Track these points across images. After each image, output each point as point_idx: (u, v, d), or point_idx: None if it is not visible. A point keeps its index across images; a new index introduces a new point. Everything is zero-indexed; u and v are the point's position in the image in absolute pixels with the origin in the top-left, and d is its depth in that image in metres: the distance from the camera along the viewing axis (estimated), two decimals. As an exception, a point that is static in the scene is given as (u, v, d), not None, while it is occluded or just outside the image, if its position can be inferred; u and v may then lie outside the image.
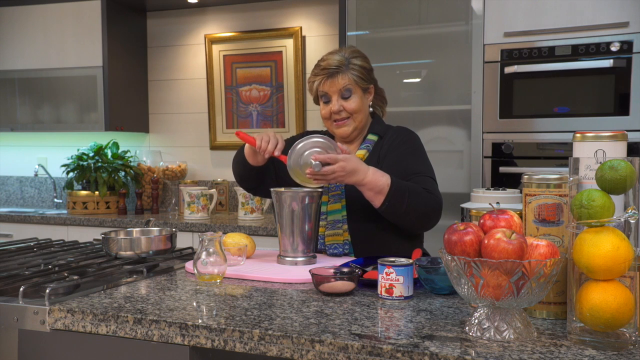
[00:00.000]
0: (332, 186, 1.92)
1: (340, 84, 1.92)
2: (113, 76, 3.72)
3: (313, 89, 1.99)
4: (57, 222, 3.52)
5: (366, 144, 1.98)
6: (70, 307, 1.31)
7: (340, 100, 1.93)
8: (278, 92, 3.72)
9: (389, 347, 1.05)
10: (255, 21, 3.75)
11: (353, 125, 1.96)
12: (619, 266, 1.02)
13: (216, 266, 1.55)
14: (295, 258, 1.75)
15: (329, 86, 1.94)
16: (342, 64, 1.92)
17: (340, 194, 1.91)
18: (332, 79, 1.92)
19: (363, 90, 1.96)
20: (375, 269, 1.56)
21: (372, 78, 2.01)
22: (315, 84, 1.96)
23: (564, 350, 1.04)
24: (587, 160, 1.14)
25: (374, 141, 1.98)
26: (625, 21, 2.52)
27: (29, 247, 2.05)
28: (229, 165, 3.88)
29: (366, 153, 1.95)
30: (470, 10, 2.81)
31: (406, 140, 1.97)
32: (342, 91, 1.93)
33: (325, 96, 1.96)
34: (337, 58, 1.93)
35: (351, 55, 1.96)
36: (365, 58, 2.00)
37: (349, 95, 1.93)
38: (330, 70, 1.92)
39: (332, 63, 1.92)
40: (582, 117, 2.61)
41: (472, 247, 1.10)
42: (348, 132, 1.97)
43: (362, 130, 2.02)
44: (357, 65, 1.94)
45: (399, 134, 2.00)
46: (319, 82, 1.95)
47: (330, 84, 1.93)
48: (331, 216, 1.91)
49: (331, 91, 1.94)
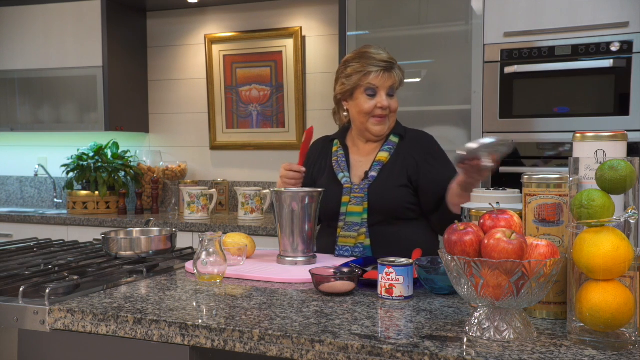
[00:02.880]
0: (356, 187, 1.91)
1: (394, 79, 1.93)
2: (113, 76, 3.72)
3: (356, 80, 1.93)
4: (57, 222, 3.52)
5: (388, 146, 1.98)
6: (70, 307, 1.31)
7: (387, 97, 1.93)
8: (278, 92, 3.71)
9: (389, 347, 1.05)
10: (255, 21, 3.75)
11: (388, 124, 1.97)
12: (619, 266, 1.02)
13: (216, 266, 1.55)
14: (295, 258, 1.75)
15: (382, 80, 1.92)
16: (393, 61, 1.94)
17: (363, 197, 1.90)
18: (389, 73, 1.92)
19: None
20: (375, 269, 1.56)
21: None
22: (372, 76, 1.91)
23: (564, 350, 1.04)
24: (587, 160, 1.14)
25: (396, 143, 1.99)
26: (625, 21, 2.52)
27: (29, 247, 2.05)
28: (229, 165, 3.92)
29: (389, 156, 1.95)
30: (470, 10, 2.81)
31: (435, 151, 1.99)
32: (389, 89, 1.93)
33: (372, 90, 1.93)
34: (386, 54, 1.94)
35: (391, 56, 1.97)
36: None
37: (393, 94, 1.94)
38: (389, 64, 1.92)
39: (385, 57, 1.92)
40: (582, 117, 2.61)
41: (472, 247, 1.10)
42: (384, 131, 1.97)
43: None
44: (399, 66, 1.97)
45: (424, 143, 2.00)
46: (375, 74, 1.91)
47: (386, 78, 1.92)
48: (350, 218, 1.90)
49: (383, 86, 1.92)
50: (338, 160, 2.03)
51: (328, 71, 3.60)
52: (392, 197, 1.90)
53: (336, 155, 2.05)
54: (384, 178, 1.92)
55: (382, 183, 1.91)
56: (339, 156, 2.04)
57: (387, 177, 1.92)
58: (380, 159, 1.96)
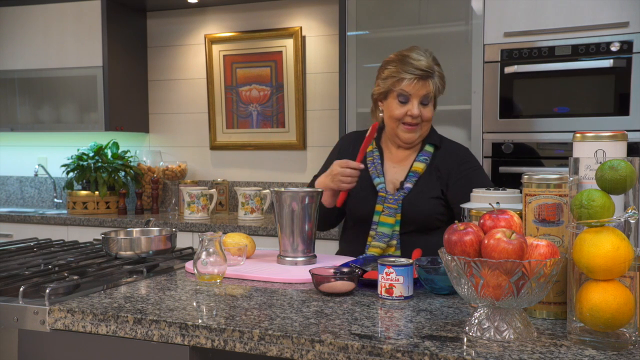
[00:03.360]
0: (390, 197, 1.88)
1: (429, 89, 1.86)
2: (113, 76, 3.72)
3: (390, 84, 1.88)
4: (57, 222, 3.52)
5: (424, 156, 1.94)
6: (70, 307, 1.31)
7: (420, 106, 1.87)
8: (278, 92, 3.71)
9: (389, 347, 1.05)
10: (255, 21, 3.75)
11: (420, 132, 1.92)
12: (619, 266, 1.02)
13: (216, 266, 1.55)
14: (295, 258, 1.75)
15: (416, 88, 1.85)
16: (432, 69, 1.85)
17: (396, 208, 1.87)
18: (424, 81, 1.85)
19: (436, 100, 1.93)
20: (375, 269, 1.56)
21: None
22: (405, 83, 1.85)
23: (564, 350, 1.04)
24: (587, 160, 1.14)
25: (431, 153, 1.95)
26: (625, 21, 2.52)
27: (29, 247, 2.05)
28: (229, 165, 3.92)
29: (425, 166, 1.92)
30: (470, 10, 2.81)
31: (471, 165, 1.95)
32: (423, 98, 1.87)
33: (405, 96, 1.87)
34: (427, 61, 1.85)
35: (434, 61, 1.89)
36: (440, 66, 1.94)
37: (427, 103, 1.88)
38: (425, 73, 1.85)
39: (424, 65, 1.84)
40: (582, 117, 2.61)
41: (472, 247, 1.10)
42: (414, 139, 1.93)
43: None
44: (440, 74, 1.89)
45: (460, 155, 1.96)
46: (409, 81, 1.85)
47: (420, 87, 1.85)
48: (381, 228, 1.88)
49: (416, 94, 1.86)
50: (374, 162, 1.98)
51: (328, 71, 3.60)
52: (425, 209, 1.88)
53: (371, 156, 2.00)
54: (418, 190, 1.90)
55: (416, 195, 1.89)
56: (374, 157, 1.99)
57: (422, 189, 1.90)
58: (416, 169, 1.92)
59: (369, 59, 3.05)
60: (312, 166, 3.67)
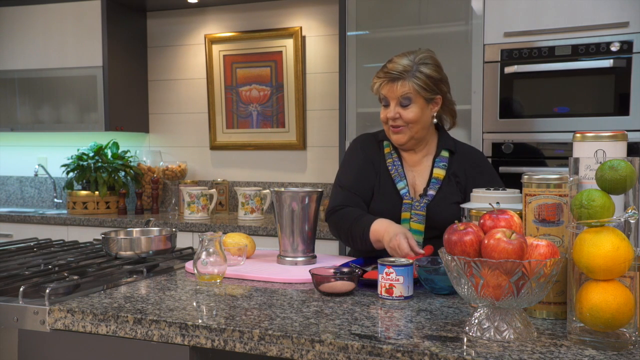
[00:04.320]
0: (417, 203, 1.86)
1: (399, 91, 1.84)
2: (113, 76, 3.72)
3: (374, 90, 1.92)
4: (57, 222, 3.52)
5: (443, 162, 1.92)
6: (70, 307, 1.31)
7: (398, 107, 1.86)
8: (278, 92, 3.71)
9: (389, 347, 1.05)
10: (255, 21, 3.75)
11: (409, 134, 1.89)
12: (619, 266, 1.02)
13: (216, 266, 1.55)
14: (295, 258, 1.75)
15: (387, 91, 1.86)
16: (407, 70, 1.83)
17: (424, 214, 1.85)
18: (392, 84, 1.85)
19: (426, 100, 1.87)
20: (375, 269, 1.56)
21: (441, 89, 1.90)
22: (376, 86, 1.89)
23: (564, 350, 1.04)
24: (587, 160, 1.14)
25: (447, 158, 1.94)
26: (625, 21, 2.52)
27: (29, 247, 2.05)
28: (229, 165, 3.92)
29: (444, 173, 1.91)
30: (470, 10, 2.81)
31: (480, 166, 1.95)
32: (401, 99, 1.85)
33: (385, 100, 1.89)
34: (405, 63, 1.84)
35: (421, 61, 1.86)
36: (437, 66, 1.89)
37: (407, 104, 1.85)
38: (392, 75, 1.84)
39: (396, 67, 1.84)
40: (582, 117, 2.61)
41: (472, 247, 1.10)
42: (403, 141, 1.91)
43: (422, 141, 1.95)
44: (424, 74, 1.84)
45: (476, 160, 1.96)
46: (379, 85, 1.88)
47: (389, 89, 1.86)
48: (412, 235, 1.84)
49: (390, 96, 1.87)
50: (394, 164, 1.95)
51: (328, 71, 3.60)
52: (449, 214, 1.83)
53: (391, 158, 1.97)
54: (441, 197, 1.89)
55: (440, 201, 1.88)
56: (394, 159, 1.96)
57: (444, 195, 1.89)
58: (437, 176, 1.91)
59: (369, 59, 3.05)
60: (312, 166, 3.67)
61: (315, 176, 3.67)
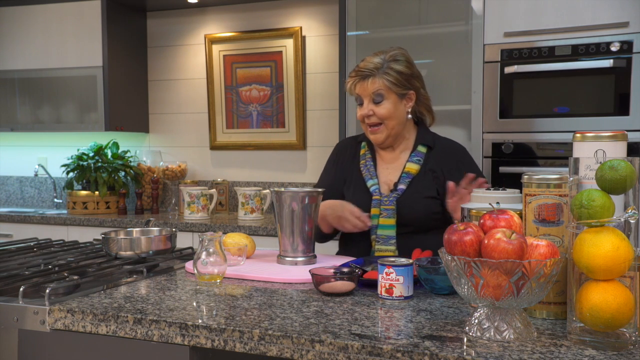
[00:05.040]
0: (385, 199, 1.89)
1: (371, 88, 1.89)
2: (113, 76, 3.72)
3: (348, 90, 1.96)
4: (57, 222, 3.52)
5: (417, 157, 1.95)
6: (70, 307, 1.31)
7: (371, 105, 1.90)
8: (278, 92, 3.71)
9: (389, 347, 1.05)
10: (255, 21, 3.75)
11: (386, 132, 1.93)
12: (619, 266, 1.02)
13: (216, 266, 1.55)
14: (295, 258, 1.75)
15: (360, 89, 1.91)
16: (378, 68, 1.88)
17: (393, 209, 1.88)
18: (363, 82, 1.89)
19: (399, 96, 1.91)
20: (375, 269, 1.56)
21: (413, 84, 1.93)
22: (349, 85, 1.94)
23: (564, 350, 1.04)
24: (587, 160, 1.14)
25: (424, 153, 1.96)
26: (625, 21, 2.52)
27: (29, 247, 2.05)
28: (229, 165, 3.92)
29: (419, 167, 1.93)
30: (470, 10, 2.81)
31: (465, 162, 1.95)
32: (373, 96, 1.89)
33: (359, 98, 1.93)
34: (375, 61, 1.89)
35: (392, 58, 1.90)
36: (408, 62, 1.93)
37: (380, 100, 1.89)
38: (363, 73, 1.89)
39: (367, 66, 1.89)
40: (582, 117, 2.61)
41: (472, 247, 1.10)
42: (381, 140, 1.94)
43: (400, 138, 1.98)
44: (395, 70, 1.88)
45: (454, 153, 1.97)
46: (352, 84, 1.92)
47: (362, 87, 1.90)
48: (382, 230, 1.88)
49: (363, 94, 1.91)
50: (366, 164, 2.00)
51: (328, 71, 3.60)
52: (421, 209, 1.88)
53: (364, 159, 2.02)
54: (413, 191, 1.90)
55: (411, 196, 1.89)
56: (367, 160, 2.01)
57: (415, 189, 1.90)
58: (409, 170, 1.93)
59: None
60: (312, 166, 3.67)
61: (315, 176, 3.66)
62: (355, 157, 2.05)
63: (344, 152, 2.10)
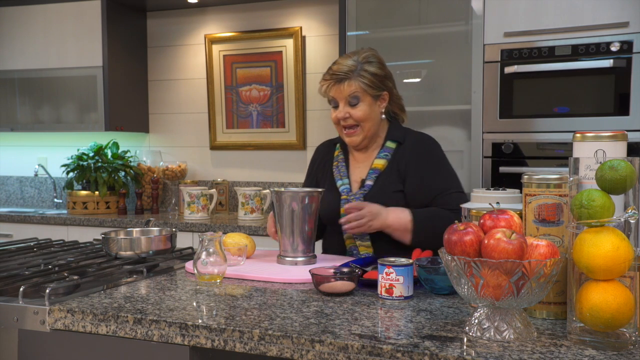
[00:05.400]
0: (352, 197, 1.90)
1: (347, 91, 1.89)
2: (113, 76, 3.72)
3: (322, 93, 1.97)
4: (57, 222, 3.52)
5: (385, 152, 1.94)
6: (70, 307, 1.31)
7: (347, 107, 1.90)
8: (278, 92, 3.71)
9: (389, 347, 1.05)
10: (255, 21, 3.75)
11: (362, 134, 1.93)
12: (619, 266, 1.02)
13: (216, 266, 1.55)
14: (295, 258, 1.75)
15: (335, 92, 1.91)
16: (352, 70, 1.88)
17: None
18: (339, 85, 1.89)
19: (374, 97, 1.91)
20: (375, 269, 1.56)
21: (386, 85, 1.94)
22: (324, 88, 1.94)
23: (564, 350, 1.04)
24: (587, 160, 1.14)
25: (393, 149, 1.95)
26: (625, 21, 2.52)
27: (29, 247, 2.05)
28: (229, 165, 3.92)
29: (386, 163, 1.93)
30: (470, 10, 2.81)
31: (428, 154, 1.93)
32: (349, 98, 1.89)
33: (334, 101, 1.94)
34: (349, 63, 1.89)
35: (365, 60, 1.90)
36: (381, 64, 1.94)
37: (356, 103, 1.89)
38: (338, 76, 1.89)
39: (341, 68, 1.89)
40: (582, 117, 2.61)
41: (472, 247, 1.10)
42: (357, 142, 1.94)
43: (374, 138, 1.98)
44: (369, 72, 1.89)
45: (419, 145, 1.95)
46: (327, 87, 1.92)
47: (337, 90, 1.90)
48: None
49: (338, 97, 1.91)
50: (338, 166, 2.02)
51: (328, 71, 3.60)
52: (389, 203, 1.87)
53: (337, 160, 2.04)
54: (379, 186, 1.90)
55: (378, 191, 1.89)
56: (339, 161, 2.03)
57: (383, 185, 1.90)
58: (376, 166, 1.93)
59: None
60: (312, 166, 3.67)
61: (315, 176, 3.67)
62: (330, 159, 2.07)
63: (321, 154, 2.12)
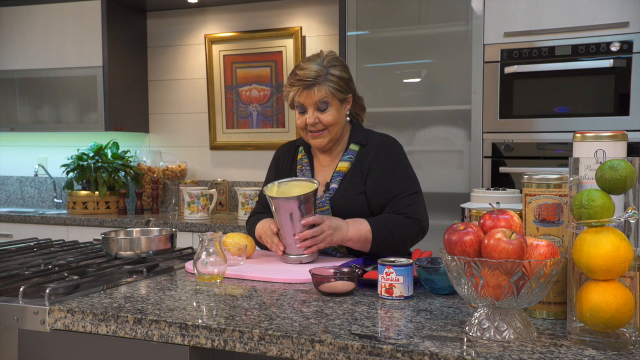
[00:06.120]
0: (319, 202, 1.89)
1: (317, 96, 1.85)
2: (113, 76, 3.72)
3: (289, 99, 1.92)
4: (57, 222, 3.52)
5: (348, 155, 1.93)
6: (70, 307, 1.31)
7: (316, 112, 1.87)
8: (278, 92, 3.71)
9: (389, 347, 1.05)
10: (255, 21, 3.75)
11: (329, 137, 1.91)
12: (619, 266, 1.02)
13: (216, 266, 1.55)
14: (299, 256, 1.75)
15: (304, 98, 1.86)
16: (320, 75, 1.85)
17: (327, 209, 1.88)
18: (309, 90, 1.85)
19: (340, 101, 1.90)
20: (375, 269, 1.56)
21: (351, 87, 1.94)
22: (291, 95, 1.89)
23: (564, 350, 1.04)
24: (587, 160, 1.14)
25: (356, 151, 1.94)
26: (625, 21, 2.52)
27: (29, 247, 2.05)
28: (229, 165, 3.92)
29: (349, 165, 1.92)
30: (470, 10, 2.81)
31: (389, 156, 1.91)
32: (319, 103, 1.86)
33: (301, 107, 1.89)
34: (315, 68, 1.85)
35: (329, 64, 1.88)
36: (344, 66, 1.93)
37: (325, 108, 1.87)
38: (307, 82, 1.84)
39: (309, 74, 1.84)
40: (582, 117, 2.61)
41: (472, 247, 1.10)
42: (323, 144, 1.93)
43: (339, 140, 1.97)
44: (335, 76, 1.87)
45: (382, 147, 1.93)
46: (295, 93, 1.87)
47: (307, 96, 1.86)
48: None
49: (307, 103, 1.87)
50: (302, 170, 2.00)
51: (328, 71, 3.60)
52: (353, 206, 1.87)
53: (301, 164, 2.01)
54: (344, 188, 1.89)
55: (343, 194, 1.89)
56: (303, 165, 2.01)
57: (347, 187, 1.89)
58: (340, 169, 1.92)
59: (369, 59, 3.05)
60: (312, 166, 3.67)
61: (315, 176, 3.67)
62: (294, 163, 2.04)
63: (282, 158, 2.08)
